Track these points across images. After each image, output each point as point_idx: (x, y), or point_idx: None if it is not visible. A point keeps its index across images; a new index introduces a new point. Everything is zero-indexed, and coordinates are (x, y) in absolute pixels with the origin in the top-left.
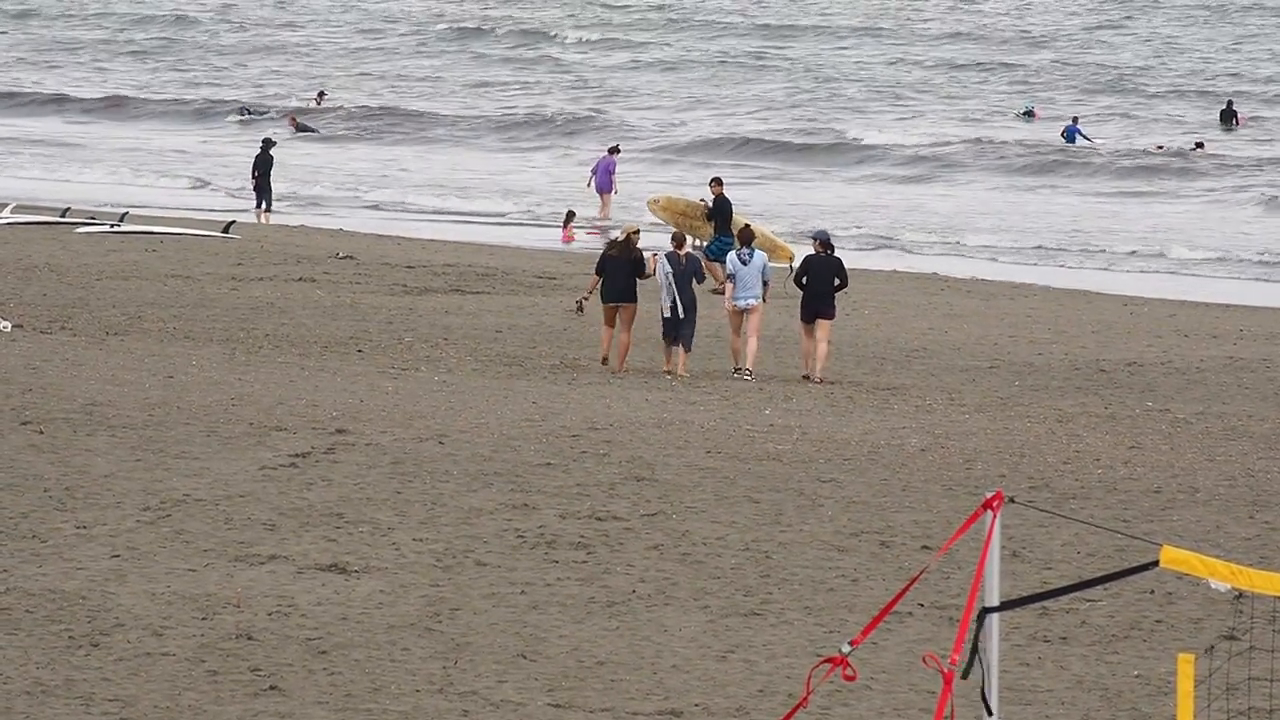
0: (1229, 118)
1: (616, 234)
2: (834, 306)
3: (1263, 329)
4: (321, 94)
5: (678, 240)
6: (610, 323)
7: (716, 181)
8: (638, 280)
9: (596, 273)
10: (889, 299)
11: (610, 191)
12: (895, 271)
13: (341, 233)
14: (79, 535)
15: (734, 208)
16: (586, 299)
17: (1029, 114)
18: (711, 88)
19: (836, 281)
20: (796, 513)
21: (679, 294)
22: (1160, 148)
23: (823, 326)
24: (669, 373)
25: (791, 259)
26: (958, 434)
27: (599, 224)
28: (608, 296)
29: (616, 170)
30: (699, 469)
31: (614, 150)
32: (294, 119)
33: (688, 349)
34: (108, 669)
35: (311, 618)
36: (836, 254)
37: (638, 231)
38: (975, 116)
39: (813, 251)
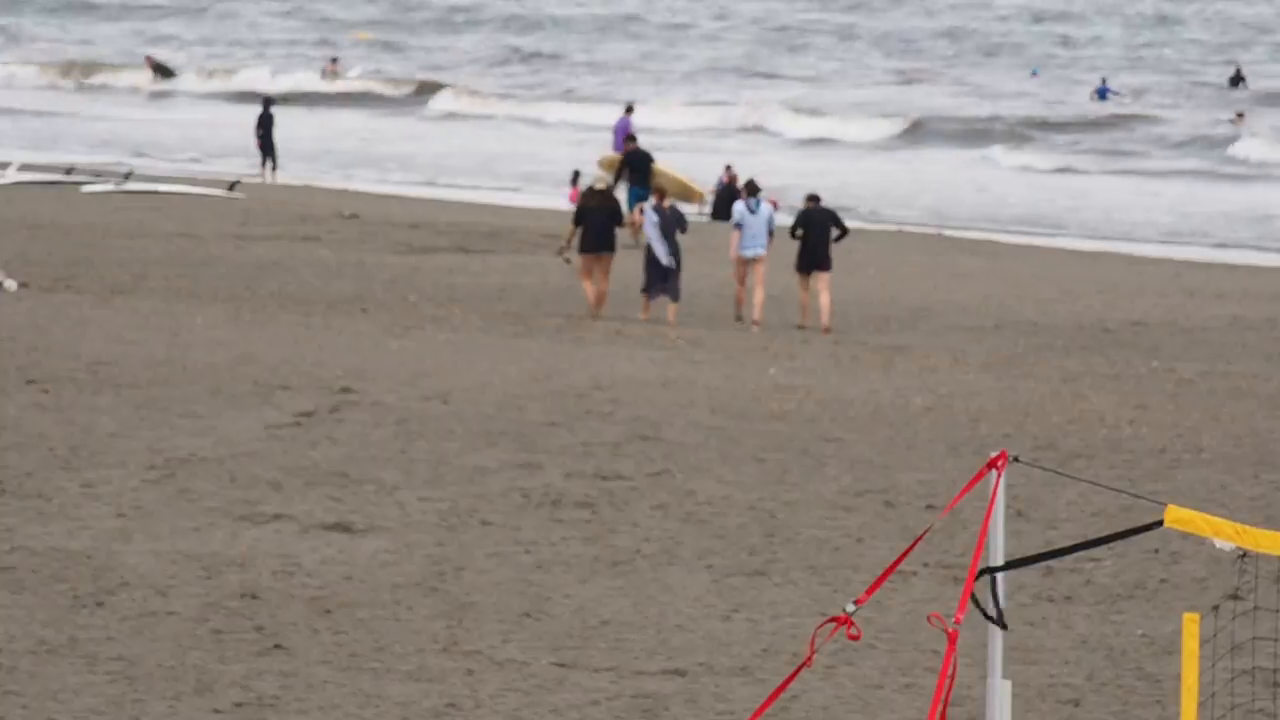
0: (1237, 83)
1: (595, 184)
2: (830, 258)
3: (1268, 288)
4: (335, 60)
5: (659, 193)
6: (589, 273)
7: (630, 138)
8: (616, 229)
9: (575, 223)
10: (893, 258)
11: None
12: (900, 231)
13: (346, 192)
14: (84, 494)
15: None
16: (567, 247)
17: (1034, 74)
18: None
19: (836, 232)
20: (801, 472)
21: (666, 244)
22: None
23: (822, 279)
24: (646, 320)
25: (702, 199)
26: (963, 393)
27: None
28: (587, 247)
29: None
30: (704, 428)
31: (629, 110)
32: (150, 59)
33: (675, 299)
34: (112, 628)
35: (316, 577)
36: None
37: (611, 184)
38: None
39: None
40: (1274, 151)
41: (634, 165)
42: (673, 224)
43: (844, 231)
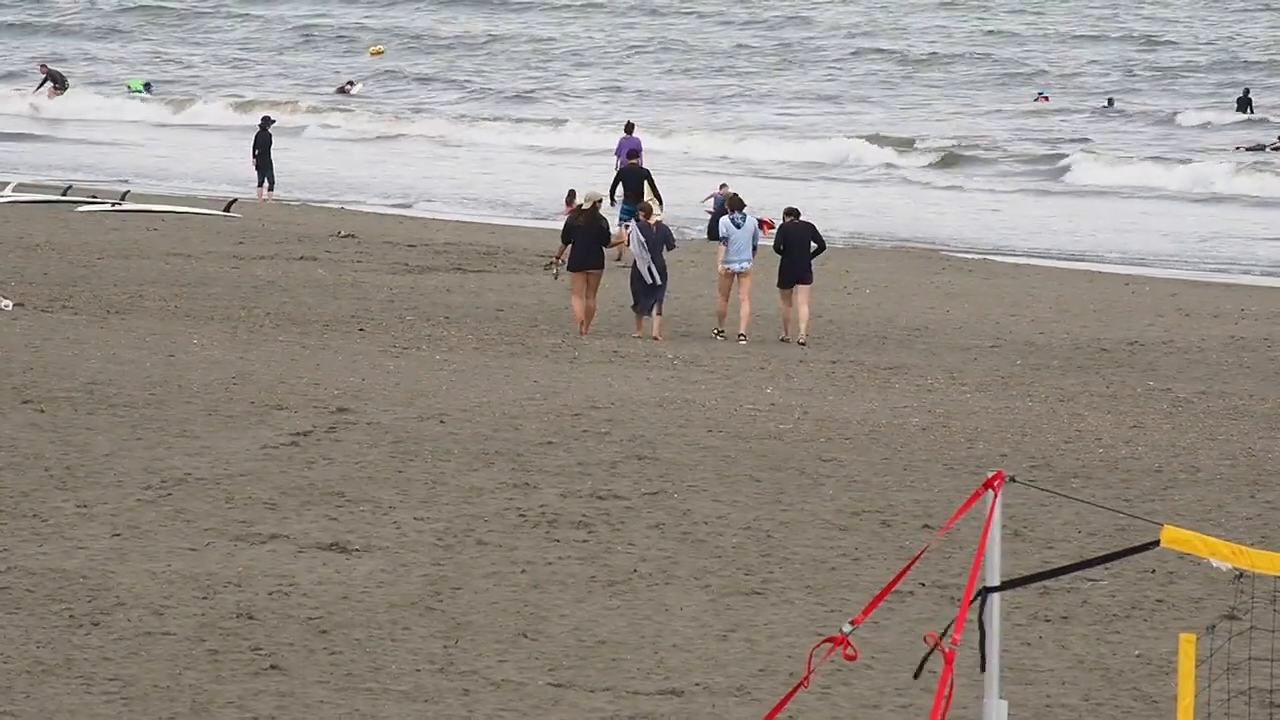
0: (1245, 106)
1: (583, 203)
2: (811, 271)
3: (1264, 308)
4: (350, 83)
5: (645, 210)
6: (580, 291)
7: (633, 154)
8: (604, 248)
9: (563, 240)
10: (890, 277)
11: None
12: (897, 249)
13: (343, 211)
14: (80, 514)
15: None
16: (556, 261)
17: (1045, 97)
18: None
19: (814, 246)
20: (798, 492)
21: (653, 260)
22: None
23: (802, 292)
24: (640, 338)
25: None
26: (959, 413)
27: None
28: (576, 264)
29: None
30: (700, 448)
31: (630, 129)
32: (44, 66)
33: (660, 313)
34: (108, 648)
35: (312, 597)
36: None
37: (600, 201)
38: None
39: (786, 221)
40: (1107, 173)
41: (628, 182)
42: (660, 241)
43: (821, 246)
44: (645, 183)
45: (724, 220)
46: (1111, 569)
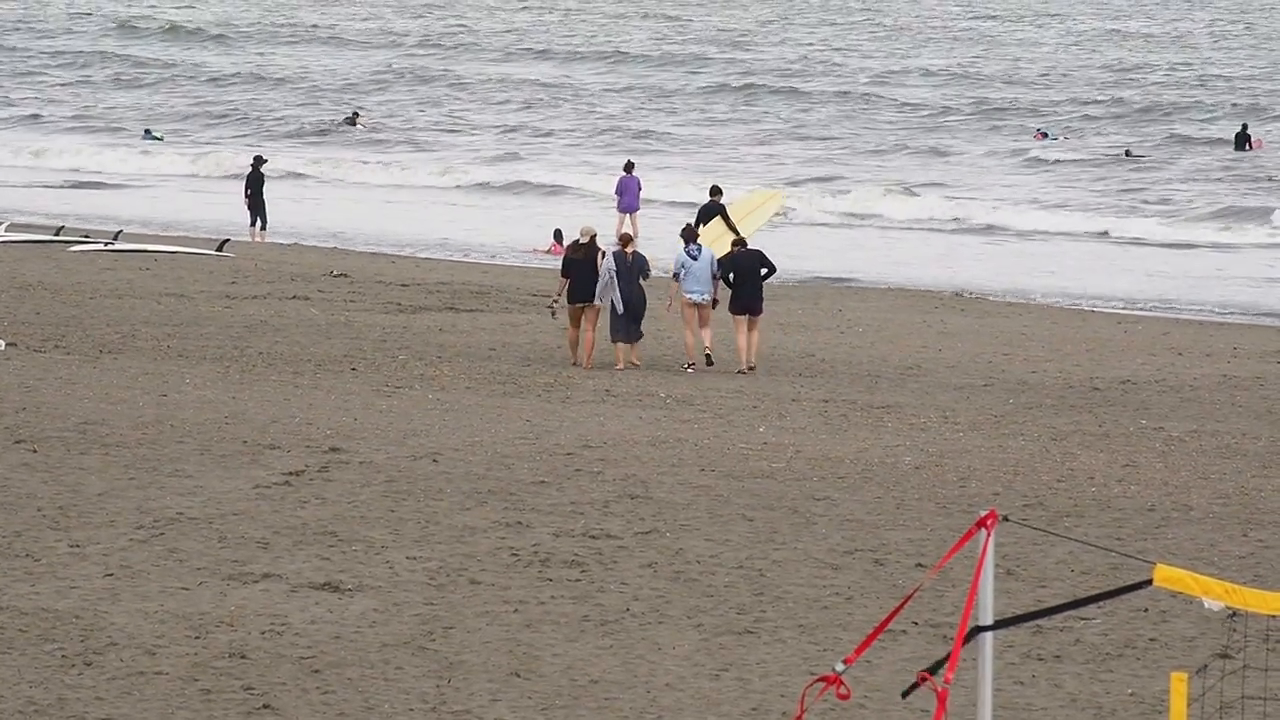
0: (1243, 142)
1: (579, 237)
2: (762, 301)
3: (1256, 347)
4: (356, 114)
5: (624, 240)
6: (577, 323)
7: (715, 190)
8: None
9: (563, 275)
10: (883, 317)
11: (639, 210)
12: (889, 289)
13: (335, 251)
14: (72, 554)
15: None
16: (557, 301)
17: (1045, 135)
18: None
19: (764, 271)
20: (790, 531)
21: (629, 290)
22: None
23: (752, 321)
24: (623, 368)
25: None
26: (952, 452)
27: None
28: (575, 297)
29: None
30: (693, 487)
31: (630, 167)
32: None
33: (637, 339)
34: (101, 688)
35: (305, 636)
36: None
37: (596, 234)
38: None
39: (733, 250)
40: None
41: (706, 218)
42: (635, 271)
43: (771, 270)
44: (720, 218)
45: (680, 252)
46: (1104, 608)
